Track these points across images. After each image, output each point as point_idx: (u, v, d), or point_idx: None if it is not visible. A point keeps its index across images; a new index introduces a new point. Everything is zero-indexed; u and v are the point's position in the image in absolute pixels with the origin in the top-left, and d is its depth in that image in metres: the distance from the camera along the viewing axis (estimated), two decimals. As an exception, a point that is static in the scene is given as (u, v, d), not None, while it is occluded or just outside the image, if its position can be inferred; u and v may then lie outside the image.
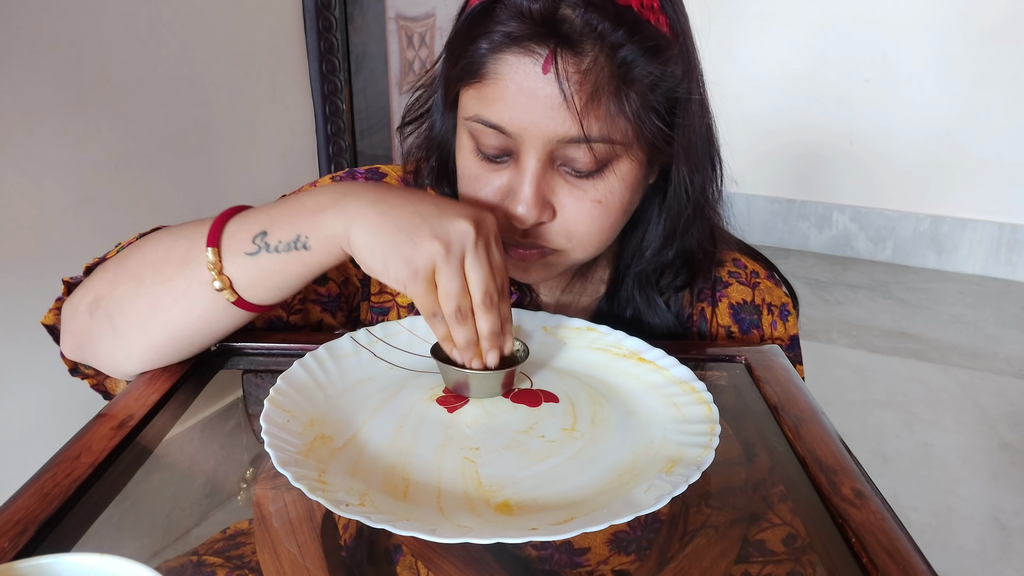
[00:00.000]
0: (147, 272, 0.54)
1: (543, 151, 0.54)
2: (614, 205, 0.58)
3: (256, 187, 1.44)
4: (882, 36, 2.90)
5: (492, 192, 0.58)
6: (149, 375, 0.56)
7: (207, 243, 0.52)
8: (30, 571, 0.31)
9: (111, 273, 0.56)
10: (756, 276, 0.74)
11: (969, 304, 2.73)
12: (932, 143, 2.94)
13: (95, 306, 0.55)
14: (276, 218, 0.53)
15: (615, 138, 0.54)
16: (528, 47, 0.52)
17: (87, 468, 0.44)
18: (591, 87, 0.51)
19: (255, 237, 0.52)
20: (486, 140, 0.56)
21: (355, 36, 1.58)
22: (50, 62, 1.03)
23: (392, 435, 0.49)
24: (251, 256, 0.52)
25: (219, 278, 0.52)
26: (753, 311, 0.72)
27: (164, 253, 0.54)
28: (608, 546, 0.47)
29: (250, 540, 0.50)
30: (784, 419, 0.54)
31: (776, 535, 0.48)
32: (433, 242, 0.49)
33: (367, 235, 0.50)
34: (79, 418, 0.50)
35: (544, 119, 0.52)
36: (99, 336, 0.56)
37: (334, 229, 0.51)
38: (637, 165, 0.57)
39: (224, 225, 0.53)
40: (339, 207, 0.51)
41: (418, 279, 0.49)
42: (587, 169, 0.55)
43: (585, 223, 0.58)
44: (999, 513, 1.60)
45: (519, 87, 0.52)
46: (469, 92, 0.56)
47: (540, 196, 0.56)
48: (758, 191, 3.21)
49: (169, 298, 0.54)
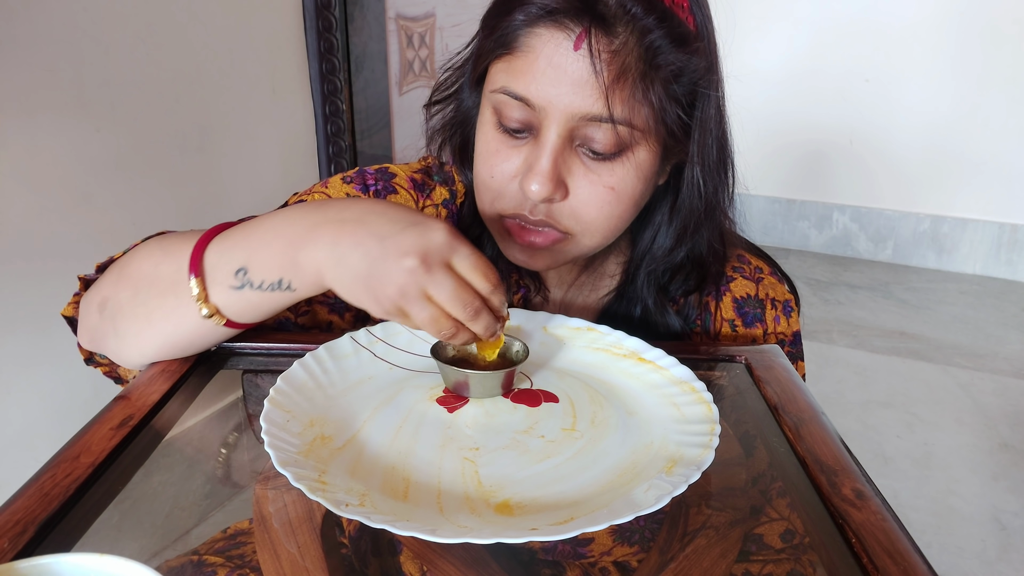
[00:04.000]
0: (143, 284, 0.55)
1: (565, 127, 0.55)
2: (626, 193, 0.59)
3: (256, 187, 1.44)
4: (882, 36, 2.90)
5: (509, 168, 0.59)
6: (149, 375, 0.56)
7: (190, 270, 0.52)
8: (30, 571, 0.31)
9: (115, 276, 0.57)
10: (760, 272, 0.75)
11: (969, 304, 2.73)
12: (932, 143, 2.94)
13: (103, 306, 0.57)
14: (254, 252, 0.52)
15: (636, 123, 0.55)
16: (563, 22, 0.54)
17: (87, 468, 0.44)
18: (619, 67, 0.53)
19: (237, 272, 0.52)
20: (510, 113, 0.57)
21: (355, 36, 1.58)
22: (50, 62, 1.03)
23: (392, 435, 0.49)
24: (236, 289, 0.53)
25: (206, 306, 0.53)
26: (757, 305, 0.73)
27: (155, 269, 0.55)
28: (611, 536, 0.48)
29: (250, 540, 0.50)
30: (784, 419, 0.54)
31: (774, 530, 0.49)
32: (389, 287, 0.48)
33: (337, 282, 0.50)
34: (79, 418, 0.50)
35: (570, 94, 0.54)
36: (105, 334, 0.57)
37: (310, 276, 0.51)
38: (652, 156, 0.59)
39: (205, 250, 0.53)
40: (309, 250, 0.50)
41: (393, 315, 0.50)
42: (606, 151, 0.56)
43: (595, 207, 0.58)
44: (999, 513, 1.60)
45: (549, 61, 0.54)
46: (498, 65, 0.58)
47: (556, 172, 0.57)
48: (758, 191, 3.20)
49: (161, 312, 0.54)
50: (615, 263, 0.73)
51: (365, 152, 1.67)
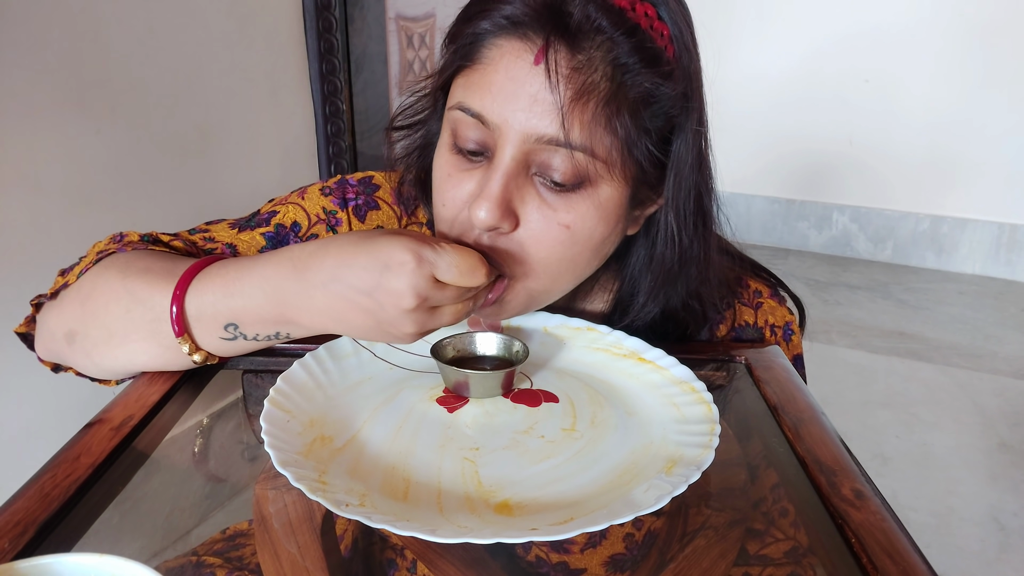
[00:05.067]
0: (116, 326, 0.53)
1: (519, 149, 0.51)
2: (582, 235, 0.53)
3: (256, 187, 1.44)
4: (882, 36, 2.90)
5: (460, 195, 0.54)
6: (148, 376, 0.56)
7: (175, 331, 0.52)
8: (30, 571, 0.31)
9: (78, 310, 0.55)
10: (759, 296, 0.72)
11: (969, 304, 2.73)
12: (932, 143, 2.94)
13: (72, 338, 0.56)
14: (241, 311, 0.51)
15: (598, 152, 0.50)
16: (525, 34, 0.50)
17: (87, 469, 0.44)
18: (580, 86, 0.49)
19: (227, 326, 0.52)
20: (465, 132, 0.53)
21: (355, 37, 1.58)
22: (50, 62, 1.03)
23: (392, 435, 0.49)
24: (228, 340, 0.53)
25: (197, 353, 0.53)
26: (755, 333, 0.71)
27: (127, 315, 0.53)
28: (604, 568, 0.46)
29: (250, 541, 0.50)
30: (784, 419, 0.54)
31: (780, 548, 0.48)
32: (405, 329, 0.49)
33: (348, 335, 0.52)
34: (79, 419, 0.50)
35: (526, 113, 0.50)
36: (80, 364, 0.57)
37: (310, 329, 0.52)
38: (618, 196, 0.53)
39: (184, 308, 0.51)
40: (301, 315, 0.51)
41: (399, 339, 0.51)
42: (564, 181, 0.51)
43: (546, 246, 0.53)
44: (999, 513, 1.60)
45: (507, 75, 0.50)
46: (459, 80, 0.54)
47: (505, 198, 0.51)
48: (758, 191, 3.21)
49: (145, 356, 0.55)
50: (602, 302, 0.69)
51: (365, 152, 1.67)
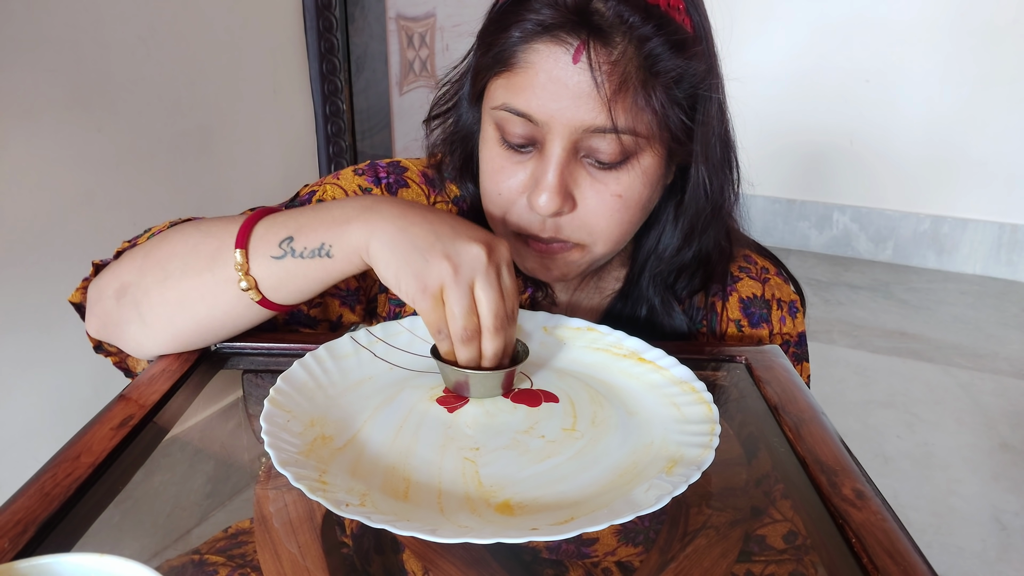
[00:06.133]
0: (175, 265, 0.56)
1: (568, 140, 0.56)
2: (633, 200, 0.59)
3: (256, 187, 1.44)
4: (883, 36, 2.90)
5: (515, 184, 0.59)
6: (150, 375, 0.56)
7: (236, 244, 0.53)
8: (30, 571, 0.31)
9: (139, 261, 0.57)
10: (766, 272, 0.75)
11: (970, 304, 2.73)
12: (932, 143, 2.94)
13: (123, 292, 0.57)
14: (303, 225, 0.54)
15: (640, 130, 0.55)
16: (559, 36, 0.54)
17: (87, 468, 0.44)
18: (619, 77, 0.53)
19: (282, 242, 0.53)
20: (512, 129, 0.57)
21: (355, 36, 1.58)
22: (50, 62, 1.03)
23: (392, 435, 0.49)
24: (277, 260, 0.54)
25: (245, 278, 0.54)
26: (763, 305, 0.73)
27: (193, 249, 0.56)
28: (616, 536, 0.48)
29: (252, 539, 0.51)
30: (784, 419, 0.54)
31: (777, 531, 0.49)
32: (444, 261, 0.49)
33: (384, 249, 0.51)
34: (79, 418, 0.50)
35: (572, 107, 0.54)
36: (126, 321, 0.57)
37: (356, 241, 0.52)
38: (658, 160, 0.59)
39: (253, 227, 0.54)
40: (362, 220, 0.52)
41: (426, 295, 0.50)
42: (611, 160, 0.56)
43: (605, 217, 0.59)
44: (1000, 513, 1.60)
45: (548, 75, 0.54)
46: (497, 82, 0.58)
47: (563, 185, 0.57)
48: (758, 191, 3.19)
49: (196, 293, 0.55)
50: (619, 264, 0.73)
51: (365, 152, 1.67)
